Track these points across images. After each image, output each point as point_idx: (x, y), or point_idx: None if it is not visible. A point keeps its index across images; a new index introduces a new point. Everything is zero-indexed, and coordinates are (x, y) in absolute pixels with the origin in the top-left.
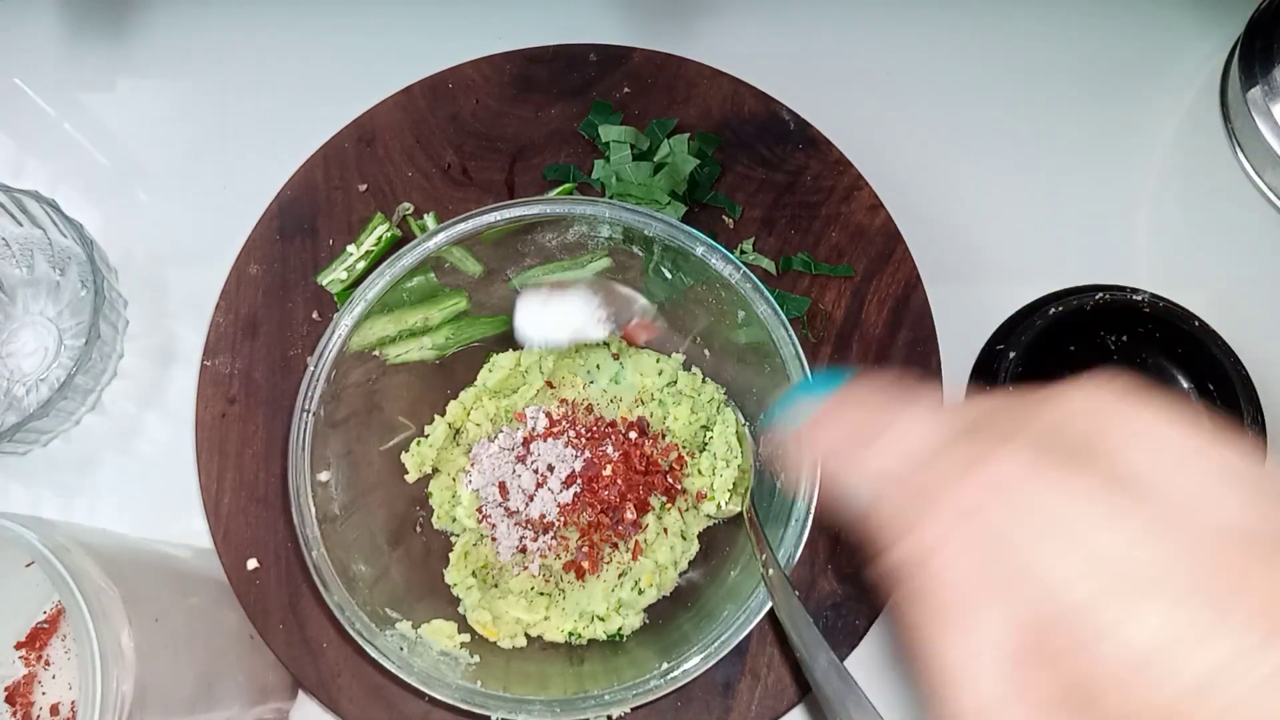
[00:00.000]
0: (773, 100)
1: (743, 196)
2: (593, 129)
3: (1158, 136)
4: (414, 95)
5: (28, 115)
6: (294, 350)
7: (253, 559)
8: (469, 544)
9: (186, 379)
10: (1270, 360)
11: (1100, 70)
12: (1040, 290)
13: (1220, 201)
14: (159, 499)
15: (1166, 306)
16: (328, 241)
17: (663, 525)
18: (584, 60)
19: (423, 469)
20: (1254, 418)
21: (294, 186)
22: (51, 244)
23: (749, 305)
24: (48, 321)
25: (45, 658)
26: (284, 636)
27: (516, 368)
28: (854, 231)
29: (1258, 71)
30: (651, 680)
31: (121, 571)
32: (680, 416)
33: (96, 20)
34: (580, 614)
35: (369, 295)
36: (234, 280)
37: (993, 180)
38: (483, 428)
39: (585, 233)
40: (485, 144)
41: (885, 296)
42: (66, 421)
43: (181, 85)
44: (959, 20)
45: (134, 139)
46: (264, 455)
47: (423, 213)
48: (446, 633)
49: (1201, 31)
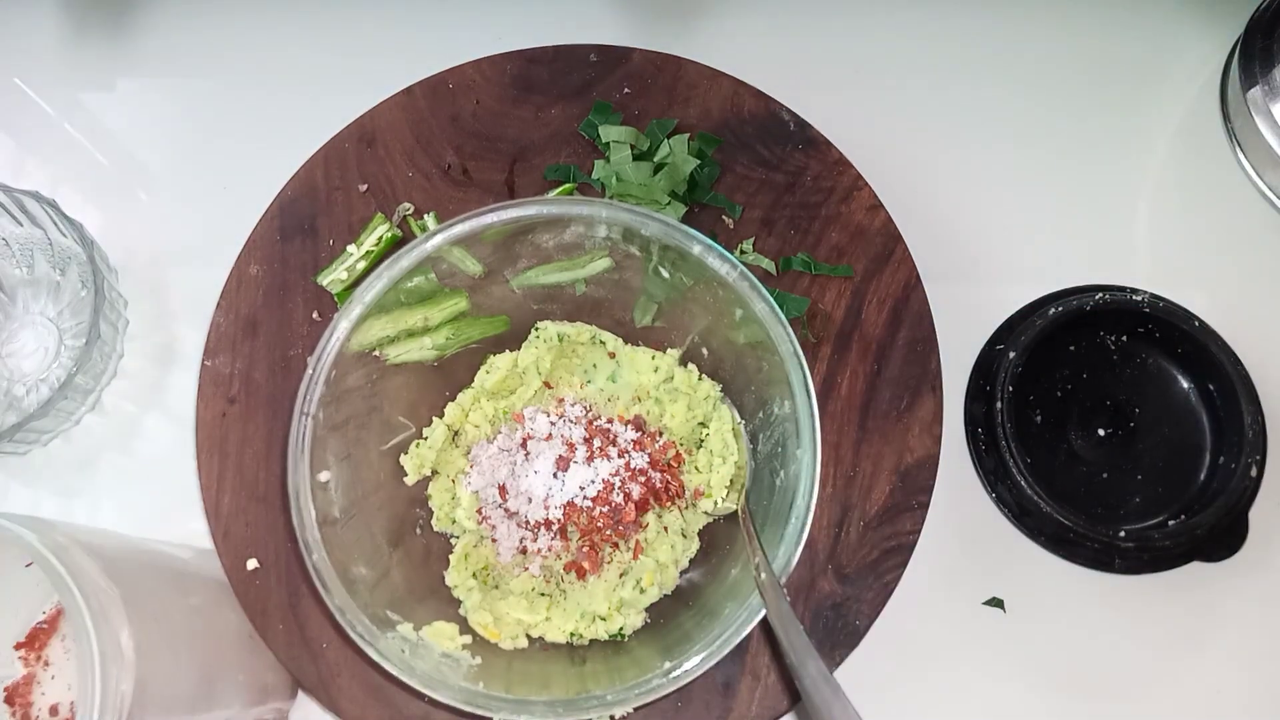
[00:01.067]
0: (773, 100)
1: (743, 197)
2: (593, 129)
3: (1158, 136)
4: (414, 95)
5: (28, 115)
6: (294, 350)
7: (253, 559)
8: (469, 545)
9: (186, 379)
10: (1270, 360)
11: (1100, 71)
12: (1040, 290)
13: (1220, 201)
14: (159, 499)
15: (1166, 306)
16: (328, 242)
17: (663, 524)
18: (584, 61)
19: (422, 471)
20: (1254, 418)
21: (294, 186)
22: (51, 244)
23: (746, 304)
24: (48, 321)
25: (45, 658)
26: (284, 636)
27: (514, 369)
28: (854, 231)
29: (1258, 71)
30: (654, 679)
31: (121, 571)
32: (677, 414)
33: (96, 20)
34: (582, 614)
35: (367, 297)
36: (234, 280)
37: (993, 180)
38: (481, 429)
39: (584, 233)
40: (485, 144)
41: (885, 296)
42: (66, 421)
43: (181, 85)
44: (959, 21)
45: (134, 139)
46: (264, 455)
47: (423, 213)
48: (448, 634)
49: (1201, 31)
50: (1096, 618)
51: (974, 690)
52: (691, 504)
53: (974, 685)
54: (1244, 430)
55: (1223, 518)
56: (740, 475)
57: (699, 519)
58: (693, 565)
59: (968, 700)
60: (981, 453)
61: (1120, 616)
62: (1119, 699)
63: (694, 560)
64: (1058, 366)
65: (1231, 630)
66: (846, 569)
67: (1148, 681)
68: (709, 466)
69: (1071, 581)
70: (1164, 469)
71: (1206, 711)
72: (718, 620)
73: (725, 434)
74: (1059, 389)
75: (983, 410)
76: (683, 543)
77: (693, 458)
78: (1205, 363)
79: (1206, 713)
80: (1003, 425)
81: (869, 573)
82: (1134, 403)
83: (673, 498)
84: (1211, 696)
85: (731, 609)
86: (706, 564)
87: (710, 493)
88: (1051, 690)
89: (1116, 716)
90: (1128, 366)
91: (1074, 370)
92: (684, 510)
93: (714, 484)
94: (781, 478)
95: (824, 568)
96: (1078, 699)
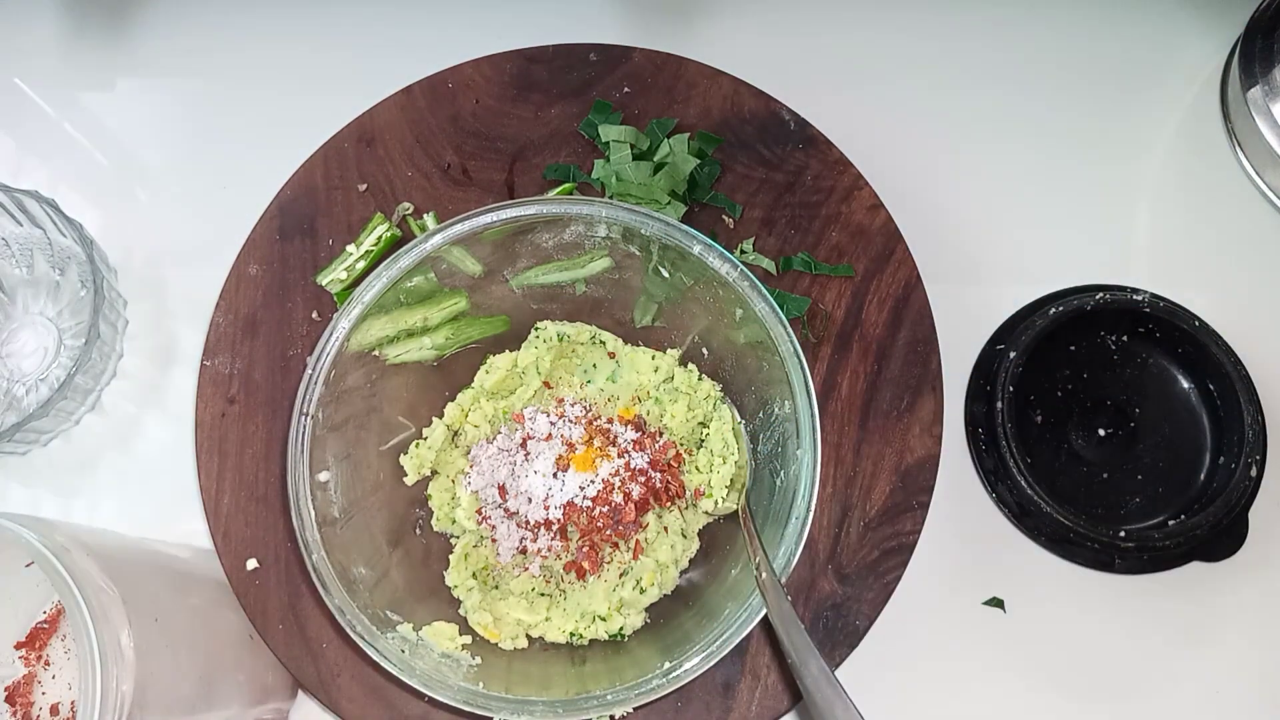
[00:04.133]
0: (773, 100)
1: (743, 196)
2: (593, 129)
3: (1158, 136)
4: (414, 95)
5: (28, 115)
6: (294, 350)
7: (253, 559)
8: (469, 545)
9: (186, 379)
10: (1270, 360)
11: (1100, 70)
12: (1040, 290)
13: (1220, 201)
14: (159, 499)
15: (1166, 306)
16: (327, 241)
17: (663, 524)
18: (584, 60)
19: (422, 471)
20: (1254, 418)
21: (294, 186)
22: (51, 244)
23: (746, 303)
24: (48, 321)
25: (45, 658)
26: (284, 637)
27: (514, 369)
28: (854, 231)
29: (1258, 71)
30: (654, 679)
31: (121, 571)
32: (677, 414)
33: (96, 20)
34: (581, 614)
35: (367, 296)
36: (234, 280)
37: (993, 180)
38: (481, 429)
39: (584, 233)
40: (485, 144)
41: (885, 296)
42: (66, 421)
43: (181, 85)
44: (959, 21)
45: (134, 139)
46: (264, 455)
47: (422, 213)
48: (448, 634)
49: (1201, 31)
50: (1096, 618)
51: (974, 690)
52: (692, 504)
53: (974, 685)
54: (1244, 430)
55: (1223, 518)
56: (741, 475)
57: (699, 519)
58: (693, 565)
59: (968, 700)
60: (982, 453)
61: (1120, 616)
62: (1119, 699)
63: (694, 560)
64: (1058, 366)
65: (1231, 630)
66: (847, 569)
67: (1148, 681)
68: (709, 466)
69: (1071, 581)
70: (1164, 469)
71: (1206, 711)
72: (718, 620)
73: (725, 434)
74: (1059, 389)
75: (983, 410)
76: (683, 543)
77: (693, 458)
78: (1205, 363)
79: (1206, 713)
80: (1003, 425)
81: (869, 573)
82: (1134, 403)
83: (673, 498)
84: (1211, 696)
85: (731, 609)
86: (706, 564)
87: (710, 493)
88: (1051, 690)
89: (1116, 716)
90: (1128, 366)
91: (1074, 370)
92: (684, 510)
93: (714, 484)
94: (782, 478)
95: (824, 568)
96: (1078, 699)
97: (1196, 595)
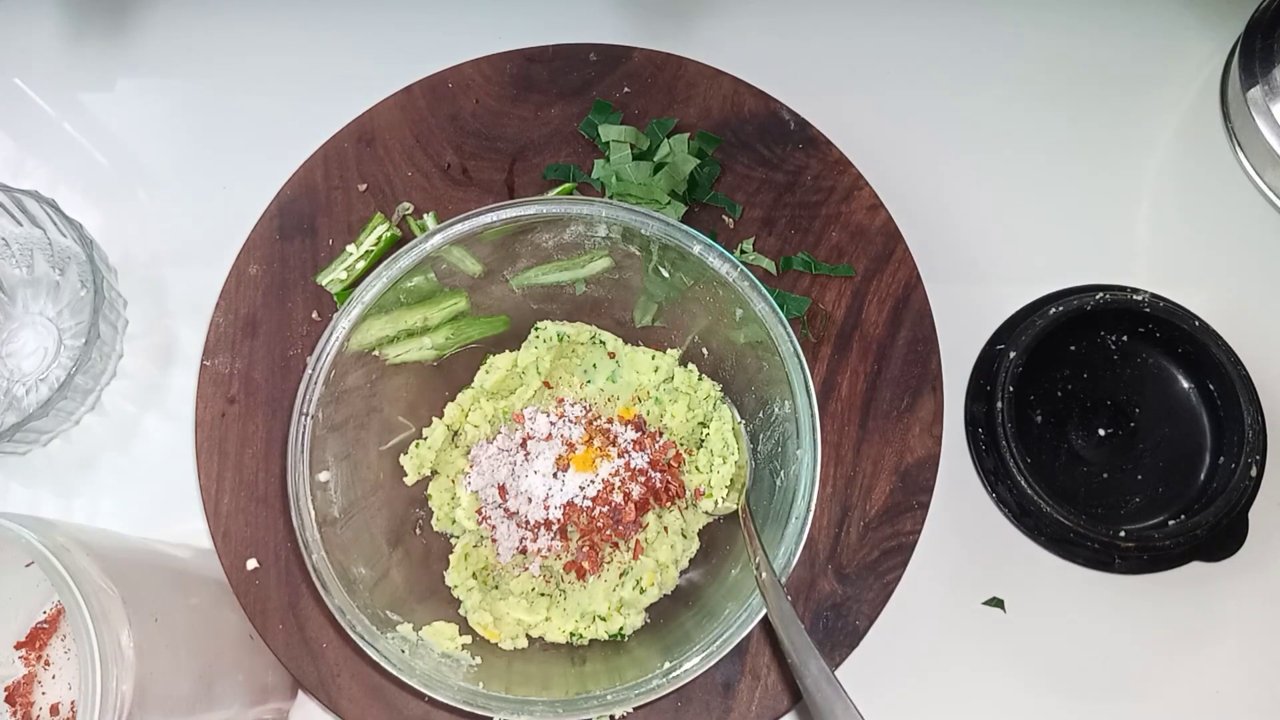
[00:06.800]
0: (773, 100)
1: (743, 196)
2: (593, 129)
3: (1158, 136)
4: (414, 95)
5: (28, 115)
6: (294, 350)
7: (252, 559)
8: (469, 545)
9: (186, 379)
10: (1270, 360)
11: (1100, 70)
12: (1040, 290)
13: (1220, 201)
14: (159, 499)
15: (1166, 306)
16: (327, 241)
17: (663, 524)
18: (584, 60)
19: (421, 471)
20: (1254, 418)
21: (294, 186)
22: (51, 244)
23: (746, 303)
24: (48, 321)
25: (45, 658)
26: (284, 637)
27: (514, 369)
28: (854, 231)
29: (1258, 71)
30: (654, 679)
31: (121, 571)
32: (677, 414)
33: (96, 20)
34: (581, 614)
35: (367, 296)
36: (234, 280)
37: (993, 180)
38: (481, 429)
39: (584, 233)
40: (485, 144)
41: (885, 296)
42: (66, 421)
43: (181, 85)
44: (959, 21)
45: (134, 139)
46: (264, 455)
47: (422, 213)
48: (448, 635)
49: (1201, 31)
50: (1096, 618)
51: (974, 690)
52: (692, 504)
53: (974, 685)
54: (1244, 430)
55: (1223, 518)
56: (741, 475)
57: (699, 519)
58: (693, 565)
59: (968, 700)
60: (982, 453)
61: (1120, 616)
62: (1119, 699)
63: (694, 560)
64: (1058, 366)
65: (1231, 630)
66: (847, 569)
67: (1148, 681)
68: (709, 466)
69: (1071, 581)
70: (1164, 469)
71: (1206, 711)
72: (718, 620)
73: (725, 434)
74: (1059, 389)
75: (983, 410)
76: (683, 543)
77: (693, 458)
78: (1205, 363)
79: (1206, 713)
80: (1003, 425)
81: (869, 573)
82: (1134, 403)
83: (673, 498)
84: (1211, 696)
85: (732, 609)
86: (706, 564)
87: (710, 493)
88: (1051, 690)
89: (1116, 716)
90: (1128, 366)
91: (1074, 370)
92: (684, 510)
93: (714, 484)
94: (782, 478)
95: (824, 568)
96: (1078, 699)
97: (1196, 595)
